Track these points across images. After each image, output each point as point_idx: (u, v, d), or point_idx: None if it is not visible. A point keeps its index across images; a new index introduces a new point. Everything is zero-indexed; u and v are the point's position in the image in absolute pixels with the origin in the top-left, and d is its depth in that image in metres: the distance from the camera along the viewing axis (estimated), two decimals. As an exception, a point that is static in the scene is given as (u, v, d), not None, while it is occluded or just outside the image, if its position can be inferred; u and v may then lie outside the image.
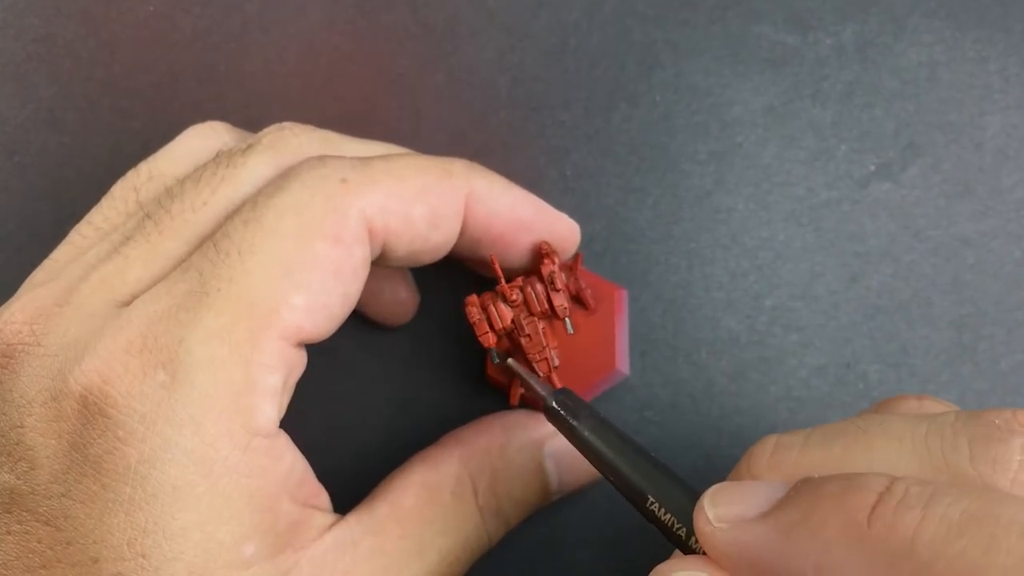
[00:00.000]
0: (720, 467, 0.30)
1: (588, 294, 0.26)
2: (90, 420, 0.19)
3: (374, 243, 0.22)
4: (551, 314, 0.25)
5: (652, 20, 0.30)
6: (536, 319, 0.24)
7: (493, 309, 0.24)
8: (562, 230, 0.26)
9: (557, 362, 0.24)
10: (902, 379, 0.30)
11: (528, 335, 0.24)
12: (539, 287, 0.25)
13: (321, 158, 0.22)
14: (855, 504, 0.16)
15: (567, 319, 0.25)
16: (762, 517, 0.17)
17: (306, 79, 0.30)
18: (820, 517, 0.16)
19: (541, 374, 0.24)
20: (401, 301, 0.29)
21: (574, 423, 0.21)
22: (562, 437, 0.22)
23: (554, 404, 0.21)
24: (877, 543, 0.15)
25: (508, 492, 0.25)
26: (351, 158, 0.23)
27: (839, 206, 0.30)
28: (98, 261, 0.22)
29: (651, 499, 0.20)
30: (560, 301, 0.24)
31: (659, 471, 0.20)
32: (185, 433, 0.19)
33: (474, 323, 0.24)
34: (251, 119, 0.30)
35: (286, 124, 0.25)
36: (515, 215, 0.24)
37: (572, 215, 0.30)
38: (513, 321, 0.24)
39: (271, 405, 0.20)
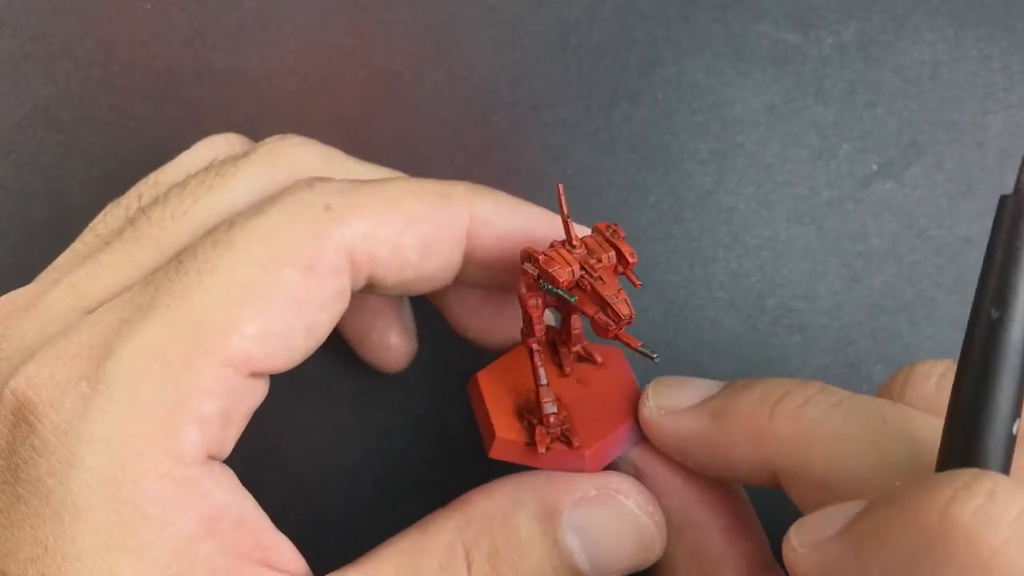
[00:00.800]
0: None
1: (595, 350, 0.24)
2: (17, 427, 0.18)
3: (358, 273, 0.21)
4: (623, 261, 0.21)
5: (653, 18, 0.30)
6: (609, 268, 0.21)
7: (557, 254, 0.21)
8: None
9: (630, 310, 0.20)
10: (905, 379, 0.30)
11: (601, 278, 0.20)
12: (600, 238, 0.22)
13: (310, 181, 0.21)
14: (924, 511, 0.14)
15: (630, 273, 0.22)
16: (834, 537, 0.16)
17: (304, 78, 0.30)
18: (887, 528, 0.15)
19: (623, 315, 0.20)
20: (390, 346, 0.28)
21: None
22: (593, 510, 0.21)
23: None
24: (949, 551, 0.14)
25: (513, 569, 0.21)
26: (341, 181, 0.21)
27: (841, 205, 0.30)
28: (76, 266, 0.22)
29: None
30: (630, 249, 0.21)
31: None
32: (93, 449, 0.18)
33: (541, 259, 0.20)
34: (249, 118, 0.30)
35: (288, 135, 0.24)
36: (531, 235, 0.22)
37: (572, 214, 0.30)
38: (583, 266, 0.20)
39: (200, 432, 0.19)
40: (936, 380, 0.21)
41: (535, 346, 0.22)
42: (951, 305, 0.30)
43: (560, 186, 0.21)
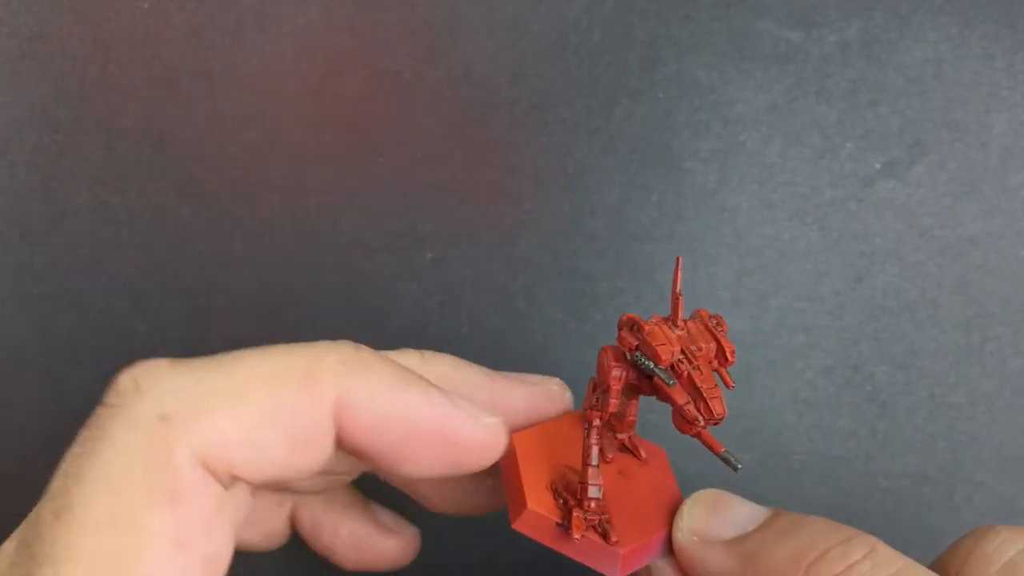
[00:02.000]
0: (724, 470, 0.29)
1: (639, 444, 0.23)
2: None
3: (221, 478, 0.18)
4: (721, 357, 0.20)
5: (654, 16, 0.30)
6: (708, 360, 0.19)
7: (657, 329, 0.19)
8: (473, 439, 0.20)
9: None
10: (911, 381, 0.29)
11: (700, 368, 0.19)
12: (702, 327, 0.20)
13: (137, 383, 0.18)
14: (824, 560, 0.18)
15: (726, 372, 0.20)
16: (726, 544, 0.19)
17: (303, 77, 0.30)
18: (773, 560, 0.18)
19: (716, 414, 0.19)
20: (359, 543, 0.25)
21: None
22: None
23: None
24: None
25: None
26: (179, 374, 0.18)
27: (844, 205, 0.30)
28: None
29: None
30: (732, 348, 0.20)
31: None
32: None
33: (647, 330, 0.19)
34: (247, 117, 0.30)
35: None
36: (404, 424, 0.19)
37: (573, 213, 0.30)
38: (684, 350, 0.19)
39: None
40: (1012, 557, 0.19)
41: (597, 422, 0.21)
42: (954, 305, 0.29)
43: (679, 258, 0.20)
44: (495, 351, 0.30)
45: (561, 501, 0.20)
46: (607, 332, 0.30)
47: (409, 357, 0.22)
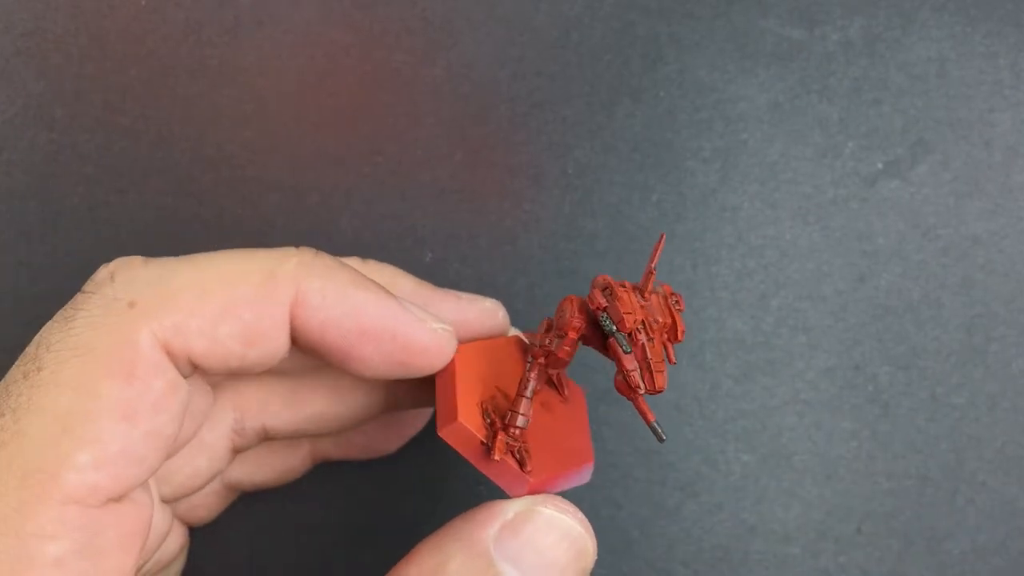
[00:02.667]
0: (726, 472, 0.29)
1: (564, 382, 0.24)
2: None
3: (180, 363, 0.20)
4: (673, 333, 0.21)
5: (656, 14, 0.30)
6: (662, 332, 0.20)
7: (627, 296, 0.20)
8: (421, 341, 0.22)
9: None
10: (912, 382, 0.29)
11: (653, 339, 0.20)
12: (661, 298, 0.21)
13: (112, 273, 0.20)
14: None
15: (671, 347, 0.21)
16: None
17: (301, 74, 0.30)
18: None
19: (657, 387, 0.20)
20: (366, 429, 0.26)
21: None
22: (521, 532, 0.20)
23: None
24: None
25: None
26: (150, 268, 0.20)
27: (847, 204, 0.30)
28: None
29: None
30: (683, 326, 0.21)
31: None
32: None
33: (620, 299, 0.20)
34: (244, 115, 0.30)
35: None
36: (355, 323, 0.21)
37: (574, 213, 0.30)
38: (644, 320, 0.20)
39: (54, 574, 0.18)
40: None
41: (542, 360, 0.22)
42: (957, 306, 0.29)
43: (663, 235, 0.21)
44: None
45: (488, 421, 0.21)
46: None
47: (351, 261, 0.23)
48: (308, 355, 0.22)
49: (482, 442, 0.21)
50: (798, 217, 0.30)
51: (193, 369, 0.20)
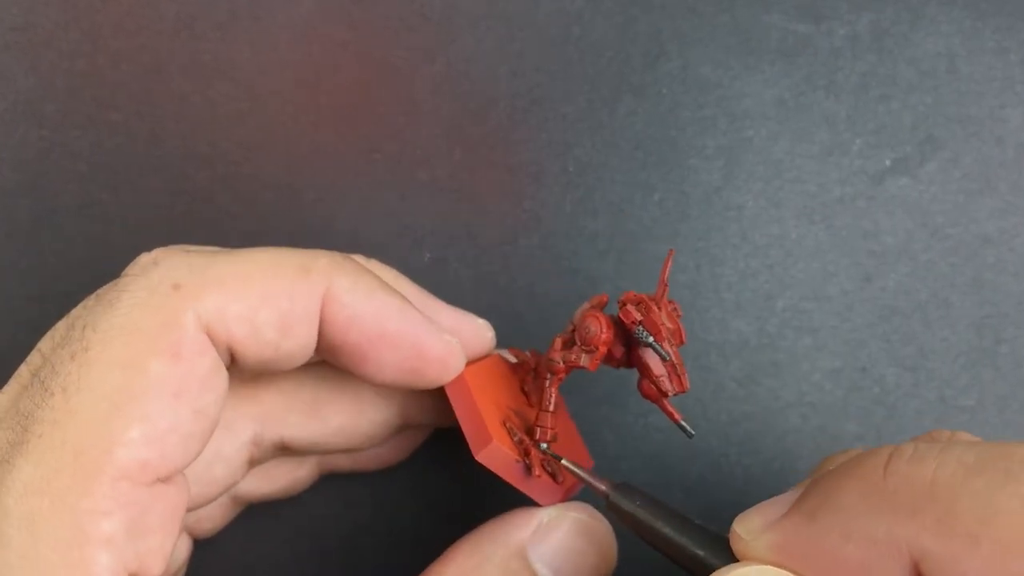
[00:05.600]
0: (729, 475, 0.29)
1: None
2: None
3: (220, 349, 0.20)
4: (678, 338, 0.22)
5: (658, 9, 0.29)
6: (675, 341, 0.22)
7: (656, 308, 0.22)
8: (435, 351, 0.22)
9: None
10: (920, 383, 0.29)
11: (675, 346, 0.22)
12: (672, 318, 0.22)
13: (155, 259, 0.21)
14: (868, 469, 0.18)
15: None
16: (786, 515, 0.19)
17: (297, 70, 0.29)
18: (837, 491, 0.18)
19: (685, 388, 0.22)
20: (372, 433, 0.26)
21: (637, 512, 0.21)
22: (553, 535, 0.22)
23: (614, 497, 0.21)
24: (897, 495, 0.17)
25: None
26: (191, 255, 0.21)
27: (853, 203, 0.29)
28: None
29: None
30: (683, 331, 0.22)
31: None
32: None
33: (651, 311, 0.21)
34: (240, 112, 0.29)
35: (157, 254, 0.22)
36: (377, 325, 0.22)
37: (574, 212, 0.29)
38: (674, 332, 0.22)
39: (109, 554, 0.18)
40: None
41: (563, 375, 0.23)
42: (967, 306, 0.29)
43: (671, 251, 0.22)
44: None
45: (517, 439, 0.22)
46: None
47: (357, 258, 0.24)
48: (325, 356, 0.23)
49: (517, 461, 0.22)
50: (803, 216, 0.29)
51: (230, 359, 0.21)
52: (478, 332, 0.25)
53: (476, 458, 0.22)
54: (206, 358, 0.20)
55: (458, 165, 0.29)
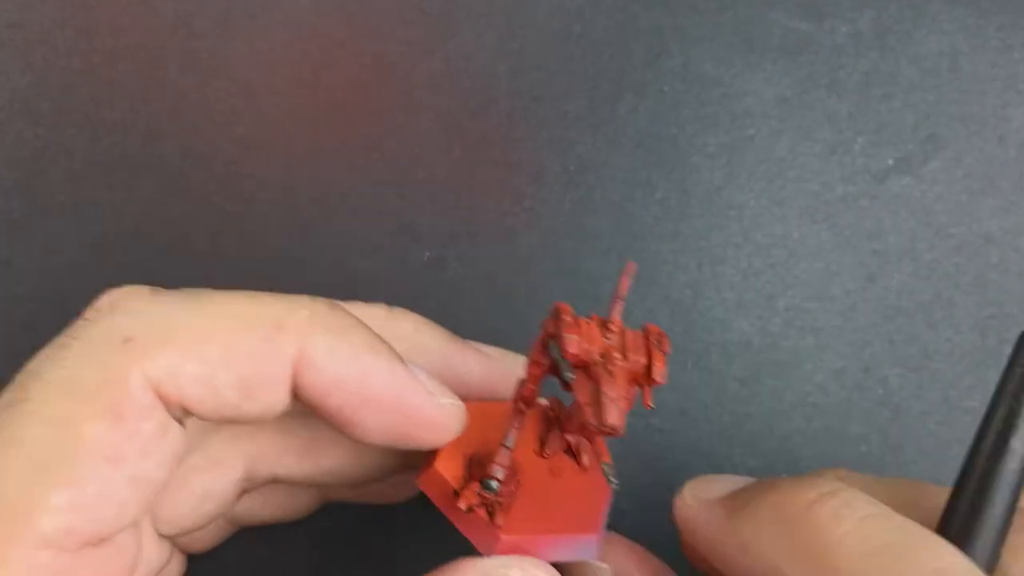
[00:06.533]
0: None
1: (585, 453, 0.22)
2: None
3: (171, 408, 0.19)
4: (645, 376, 0.19)
5: (659, 6, 0.29)
6: (628, 370, 0.19)
7: (586, 326, 0.19)
8: (427, 416, 0.21)
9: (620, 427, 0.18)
10: (923, 384, 0.29)
11: (613, 374, 0.18)
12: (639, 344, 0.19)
13: (112, 303, 0.19)
14: (793, 498, 0.19)
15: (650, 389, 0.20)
16: (719, 499, 0.20)
17: (294, 67, 0.29)
18: (757, 503, 0.19)
19: (606, 422, 0.18)
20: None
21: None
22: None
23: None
24: (800, 536, 0.18)
25: None
26: (153, 303, 0.19)
27: (856, 202, 0.29)
28: None
29: None
30: (662, 369, 0.19)
31: None
32: None
33: (567, 324, 0.19)
34: (236, 110, 0.29)
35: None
36: (361, 390, 0.20)
37: (575, 211, 0.29)
38: (603, 353, 0.19)
39: None
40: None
41: (521, 406, 0.20)
42: (970, 306, 0.29)
43: (631, 264, 0.19)
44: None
45: (467, 473, 0.20)
46: (610, 334, 0.29)
47: (376, 310, 0.22)
48: (308, 410, 0.21)
49: (454, 491, 0.20)
50: (806, 215, 0.29)
51: (186, 415, 0.19)
52: (513, 369, 0.23)
53: (415, 482, 0.20)
54: (150, 421, 0.18)
55: (457, 163, 0.29)
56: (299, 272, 0.29)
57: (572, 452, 0.22)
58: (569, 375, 0.18)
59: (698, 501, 0.21)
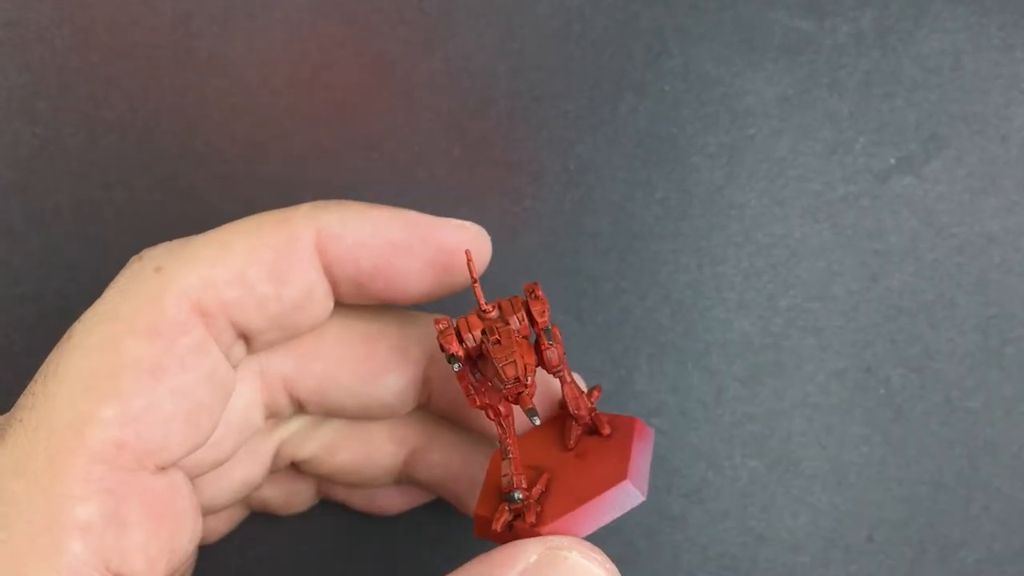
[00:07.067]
0: (733, 478, 0.29)
1: (604, 422, 0.23)
2: None
3: (217, 324, 0.20)
4: (533, 325, 0.21)
5: (660, 5, 0.29)
6: (512, 331, 0.20)
7: (463, 321, 0.21)
8: (453, 239, 0.22)
9: (530, 380, 0.20)
10: (925, 384, 0.28)
11: (499, 340, 0.20)
12: (523, 315, 0.21)
13: (140, 254, 0.21)
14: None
15: (561, 375, 0.22)
16: None
17: (293, 67, 0.29)
18: None
19: (506, 377, 0.20)
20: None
21: None
22: (539, 574, 0.20)
23: None
24: None
25: None
26: (173, 241, 0.21)
27: (858, 201, 0.29)
28: None
29: None
30: (553, 356, 0.21)
31: None
32: None
33: (440, 331, 0.21)
34: (235, 109, 0.29)
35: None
36: (383, 240, 0.22)
37: (575, 211, 0.29)
38: (483, 331, 0.20)
39: (83, 543, 0.17)
40: None
41: (502, 410, 0.21)
42: (973, 306, 0.29)
43: (468, 251, 0.21)
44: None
45: (502, 504, 0.21)
46: (610, 333, 0.29)
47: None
48: (354, 298, 0.22)
49: (494, 515, 0.20)
50: (807, 215, 0.29)
51: (237, 336, 0.21)
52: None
53: (474, 536, 0.21)
54: (188, 336, 0.20)
55: (457, 163, 0.29)
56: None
57: (594, 429, 0.23)
58: (456, 366, 0.20)
59: None
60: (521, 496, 0.20)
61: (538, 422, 0.21)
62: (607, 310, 0.29)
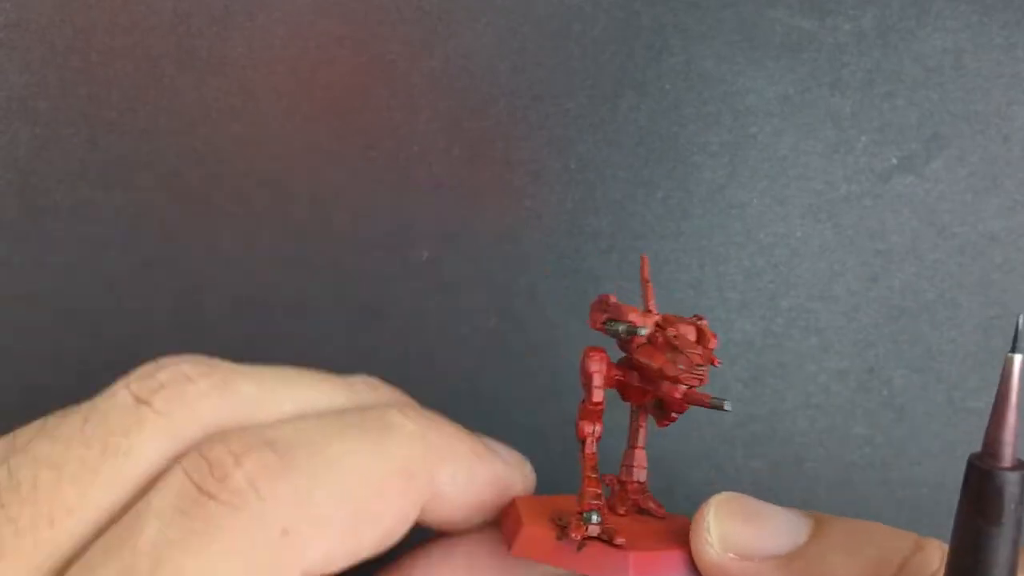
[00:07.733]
0: (734, 479, 0.28)
1: (656, 504, 0.22)
2: None
3: None
4: (702, 340, 0.20)
5: (661, 3, 0.29)
6: (682, 333, 0.20)
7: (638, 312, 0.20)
8: (521, 487, 0.22)
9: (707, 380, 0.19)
10: (928, 384, 0.28)
11: (677, 336, 0.19)
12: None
13: (254, 488, 0.17)
14: None
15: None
16: (776, 562, 0.18)
17: (293, 66, 0.29)
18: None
19: (695, 361, 0.19)
20: None
21: None
22: None
23: None
24: None
25: None
26: (287, 476, 0.17)
27: (859, 201, 0.29)
28: None
29: None
30: (711, 332, 0.20)
31: None
32: None
33: (618, 304, 0.20)
34: (234, 108, 0.29)
35: (174, 365, 0.19)
36: (478, 500, 0.21)
37: (576, 210, 0.29)
38: (658, 324, 0.19)
39: None
40: None
41: (589, 428, 0.21)
42: (974, 306, 0.28)
43: (644, 255, 0.21)
44: (494, 353, 0.29)
45: (560, 521, 0.19)
46: (611, 334, 0.29)
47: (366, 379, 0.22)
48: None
49: (557, 538, 0.19)
50: (809, 214, 0.29)
51: None
52: (520, 477, 0.22)
53: (512, 555, 0.19)
54: None
55: (457, 162, 0.29)
56: (298, 272, 0.29)
57: (644, 510, 0.22)
58: (643, 330, 0.19)
59: (740, 555, 0.18)
60: (599, 520, 0.19)
61: (729, 407, 0.19)
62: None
